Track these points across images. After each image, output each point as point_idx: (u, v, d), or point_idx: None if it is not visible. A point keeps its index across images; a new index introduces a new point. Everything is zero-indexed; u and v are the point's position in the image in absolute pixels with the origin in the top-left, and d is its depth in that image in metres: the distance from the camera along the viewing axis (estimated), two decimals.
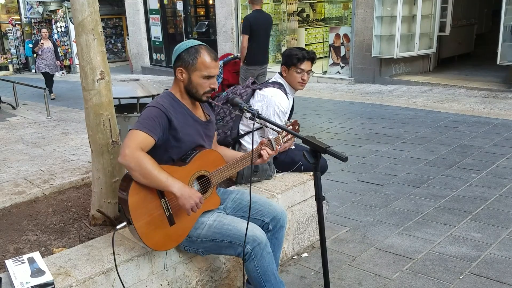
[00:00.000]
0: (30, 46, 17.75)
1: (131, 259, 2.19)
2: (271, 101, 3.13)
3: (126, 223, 2.14)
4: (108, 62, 2.59)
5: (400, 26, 9.29)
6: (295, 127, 2.57)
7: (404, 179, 4.42)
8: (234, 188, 2.89)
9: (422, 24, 9.65)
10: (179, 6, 13.55)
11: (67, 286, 1.96)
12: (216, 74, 2.31)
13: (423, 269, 2.89)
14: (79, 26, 2.44)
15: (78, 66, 2.64)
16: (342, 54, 10.42)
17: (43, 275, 1.93)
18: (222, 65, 6.79)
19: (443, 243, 3.19)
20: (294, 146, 3.41)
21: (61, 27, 17.22)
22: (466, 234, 3.30)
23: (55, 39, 16.03)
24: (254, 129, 2.63)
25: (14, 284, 1.88)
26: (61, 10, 17.25)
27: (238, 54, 7.35)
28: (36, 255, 2.11)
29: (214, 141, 2.57)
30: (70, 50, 17.24)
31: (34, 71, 11.57)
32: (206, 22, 13.15)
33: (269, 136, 2.41)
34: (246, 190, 2.20)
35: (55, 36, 16.61)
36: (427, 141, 5.60)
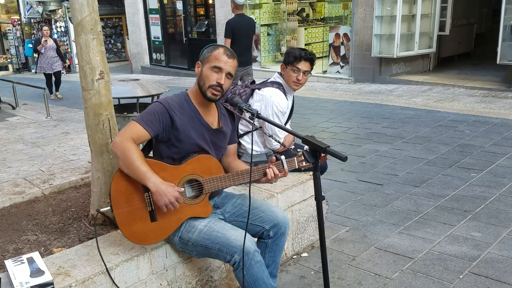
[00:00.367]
0: (30, 46, 17.73)
1: (131, 259, 2.19)
2: (270, 101, 3.13)
3: (110, 208, 2.16)
4: (107, 62, 2.59)
5: (400, 25, 9.28)
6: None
7: (404, 179, 4.42)
8: (236, 188, 2.86)
9: (422, 23, 9.64)
10: (179, 5, 13.55)
11: (67, 286, 1.96)
12: (227, 71, 2.24)
13: (423, 268, 2.89)
14: (78, 25, 2.44)
15: (77, 66, 2.64)
16: (342, 53, 10.42)
17: (43, 275, 1.93)
18: None
19: (443, 243, 3.19)
20: (293, 146, 3.41)
21: (60, 27, 17.22)
22: (466, 234, 3.30)
23: (55, 39, 16.01)
24: (253, 129, 2.62)
25: (13, 284, 1.88)
26: (60, 10, 17.25)
27: None
28: (35, 255, 2.11)
29: (232, 154, 2.50)
30: (69, 50, 17.23)
31: (34, 71, 11.17)
32: (206, 22, 13.16)
33: (282, 157, 2.28)
34: (248, 194, 2.18)
35: (55, 36, 16.60)
36: (427, 140, 5.59)
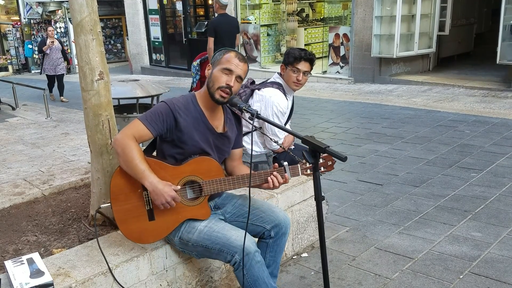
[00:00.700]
0: (30, 47, 17.77)
1: (131, 260, 2.19)
2: (270, 101, 3.13)
3: (110, 204, 2.17)
4: (107, 63, 2.59)
5: (399, 25, 9.28)
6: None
7: (404, 179, 4.42)
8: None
9: (422, 23, 9.64)
10: (179, 6, 13.55)
11: (67, 286, 1.96)
12: (238, 74, 2.22)
13: (423, 268, 2.89)
14: (78, 26, 2.44)
15: (77, 66, 2.64)
16: (342, 53, 10.42)
17: (43, 276, 1.93)
18: (199, 63, 7.44)
19: (443, 243, 3.19)
20: (293, 146, 3.41)
21: (60, 28, 17.21)
22: (466, 234, 3.30)
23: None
24: (253, 129, 2.62)
25: (13, 285, 1.88)
26: (60, 11, 17.25)
27: None
28: (35, 256, 2.11)
29: (237, 159, 2.50)
30: (69, 51, 17.23)
31: (40, 72, 10.87)
32: (206, 22, 13.13)
33: (285, 163, 2.26)
34: (248, 195, 2.18)
35: (55, 36, 16.58)
36: (427, 140, 5.59)
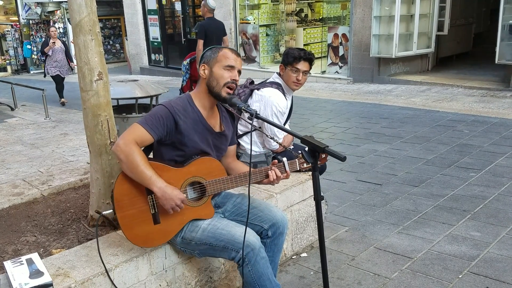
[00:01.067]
0: (29, 47, 17.74)
1: (130, 260, 2.18)
2: (269, 101, 3.13)
3: (113, 211, 2.16)
4: (106, 63, 2.59)
5: (398, 25, 9.29)
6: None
7: (403, 179, 4.42)
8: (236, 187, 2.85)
9: (420, 23, 9.65)
10: (178, 6, 13.55)
11: (66, 287, 1.96)
12: (238, 68, 2.25)
13: (422, 268, 2.89)
14: (77, 26, 2.44)
15: (76, 67, 2.65)
16: (341, 54, 10.43)
17: (42, 276, 1.93)
18: (189, 62, 7.65)
19: (442, 242, 3.19)
20: (292, 146, 3.41)
21: (59, 28, 17.17)
22: (465, 233, 3.30)
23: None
24: (252, 129, 2.63)
25: (12, 285, 1.88)
26: (59, 11, 17.22)
27: None
28: (34, 256, 2.10)
29: (231, 155, 2.52)
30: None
31: (44, 75, 10.58)
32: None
33: (283, 159, 2.30)
34: (247, 194, 2.18)
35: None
36: (426, 140, 5.60)
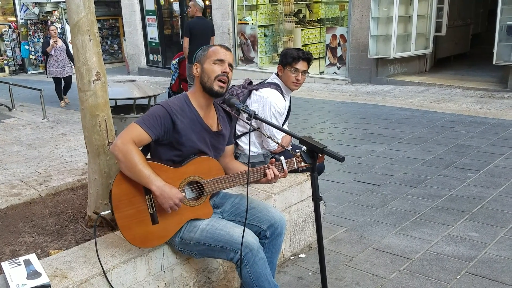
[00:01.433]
0: (26, 47, 17.71)
1: (128, 261, 2.18)
2: (268, 101, 3.13)
3: (111, 212, 2.15)
4: (104, 63, 2.59)
5: (396, 26, 9.31)
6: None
7: (401, 179, 4.43)
8: (234, 188, 2.85)
9: (418, 24, 9.67)
10: (176, 7, 13.54)
11: None
12: (228, 62, 2.27)
13: (421, 269, 2.89)
14: (75, 27, 2.43)
15: (74, 67, 2.64)
16: (339, 54, 10.43)
17: (40, 277, 1.93)
18: (178, 61, 7.81)
19: (440, 243, 3.20)
20: (291, 147, 3.41)
21: (57, 28, 17.15)
22: (463, 234, 3.31)
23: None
24: (251, 129, 2.62)
25: (10, 286, 1.87)
26: (57, 11, 17.20)
27: None
28: (32, 257, 2.10)
29: (229, 155, 2.53)
30: None
31: (46, 76, 10.27)
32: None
33: (281, 158, 2.30)
34: (245, 194, 2.18)
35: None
36: (424, 141, 5.61)
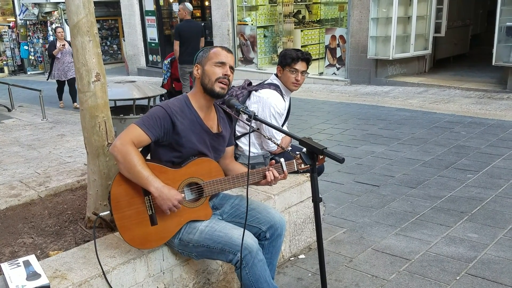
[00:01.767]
0: (26, 48, 17.71)
1: (127, 262, 2.18)
2: (267, 102, 3.13)
3: (110, 212, 2.15)
4: (103, 64, 2.58)
5: (395, 27, 9.31)
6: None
7: (400, 180, 4.43)
8: (234, 189, 2.85)
9: (418, 25, 9.67)
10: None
11: None
12: (230, 64, 2.26)
13: (420, 270, 2.89)
14: (75, 27, 2.43)
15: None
16: (338, 55, 10.44)
17: (39, 278, 1.92)
18: (170, 61, 8.03)
19: (440, 244, 3.20)
20: (290, 148, 3.41)
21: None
22: (463, 235, 3.31)
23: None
24: (250, 130, 2.63)
25: (9, 287, 1.87)
26: (56, 12, 17.19)
27: None
28: (31, 258, 2.09)
29: (229, 156, 2.53)
30: None
31: (47, 78, 9.93)
32: (202, 24, 13.13)
33: (281, 159, 2.30)
34: (245, 195, 2.18)
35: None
36: (423, 142, 5.61)
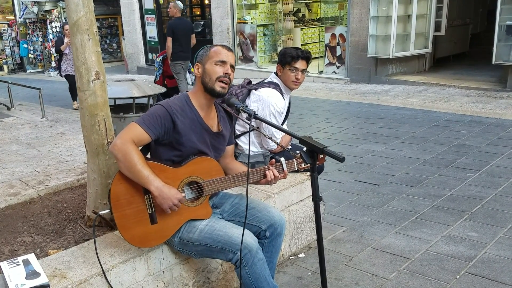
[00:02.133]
0: (25, 46, 17.68)
1: (127, 261, 2.18)
2: (267, 101, 3.12)
3: (109, 211, 2.15)
4: (103, 62, 2.58)
5: (395, 26, 9.30)
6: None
7: (400, 179, 4.42)
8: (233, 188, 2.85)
9: (418, 24, 9.67)
10: None
11: None
12: (230, 63, 2.25)
13: (420, 268, 2.89)
14: (74, 26, 2.43)
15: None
16: (338, 54, 10.43)
17: (38, 277, 1.92)
18: (162, 59, 8.02)
19: (440, 243, 3.20)
20: (290, 147, 3.40)
21: (56, 27, 17.12)
22: (463, 234, 3.31)
23: (50, 39, 15.82)
24: (250, 129, 2.62)
25: (9, 286, 1.86)
26: (56, 10, 17.15)
27: None
28: (31, 257, 2.09)
29: (229, 155, 2.53)
30: None
31: (57, 74, 9.98)
32: (202, 22, 13.14)
33: (281, 159, 2.30)
34: (245, 194, 2.18)
35: (50, 36, 16.52)
36: (423, 140, 5.61)
